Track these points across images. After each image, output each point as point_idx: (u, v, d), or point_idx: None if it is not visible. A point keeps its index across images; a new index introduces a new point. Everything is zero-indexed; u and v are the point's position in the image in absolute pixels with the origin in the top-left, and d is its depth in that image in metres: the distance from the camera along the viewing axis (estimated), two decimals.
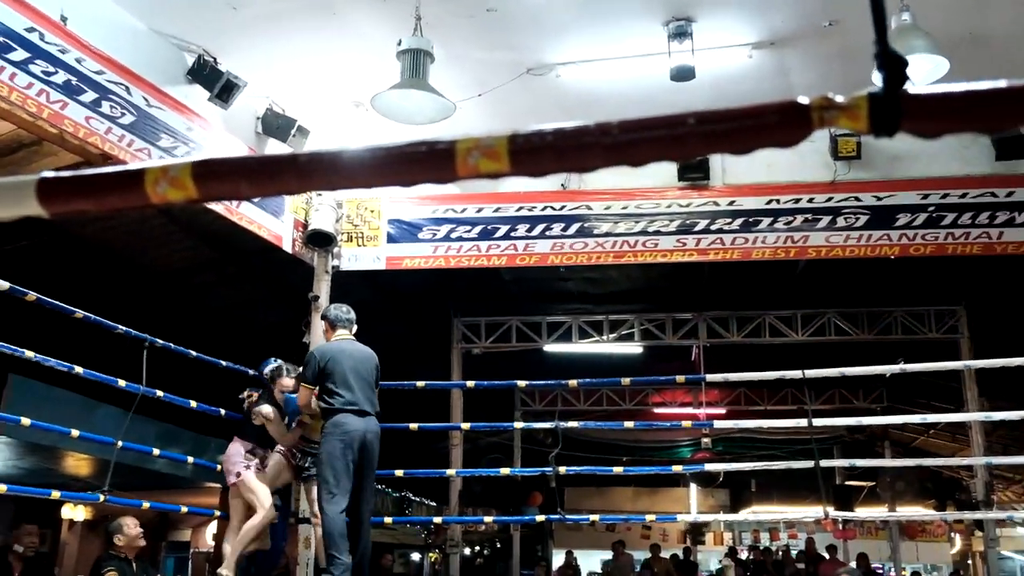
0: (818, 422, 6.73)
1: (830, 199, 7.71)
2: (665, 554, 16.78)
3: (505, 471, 7.25)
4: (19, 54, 5.33)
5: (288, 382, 6.47)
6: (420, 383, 7.22)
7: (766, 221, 7.77)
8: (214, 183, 1.30)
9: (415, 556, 23.83)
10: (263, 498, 6.13)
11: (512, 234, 8.01)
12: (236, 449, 6.34)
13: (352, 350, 6.05)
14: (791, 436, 16.86)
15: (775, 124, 1.07)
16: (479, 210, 8.09)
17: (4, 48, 5.23)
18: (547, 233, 7.99)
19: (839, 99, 1.06)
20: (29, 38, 5.39)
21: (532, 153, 1.16)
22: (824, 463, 6.76)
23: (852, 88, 1.12)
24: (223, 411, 6.90)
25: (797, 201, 7.75)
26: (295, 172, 1.27)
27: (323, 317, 6.43)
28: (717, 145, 1.11)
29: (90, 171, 1.39)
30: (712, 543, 22.82)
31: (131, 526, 6.34)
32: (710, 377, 7.48)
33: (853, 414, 12.86)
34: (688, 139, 1.11)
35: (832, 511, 7.47)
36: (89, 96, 5.84)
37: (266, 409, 6.29)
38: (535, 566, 17.58)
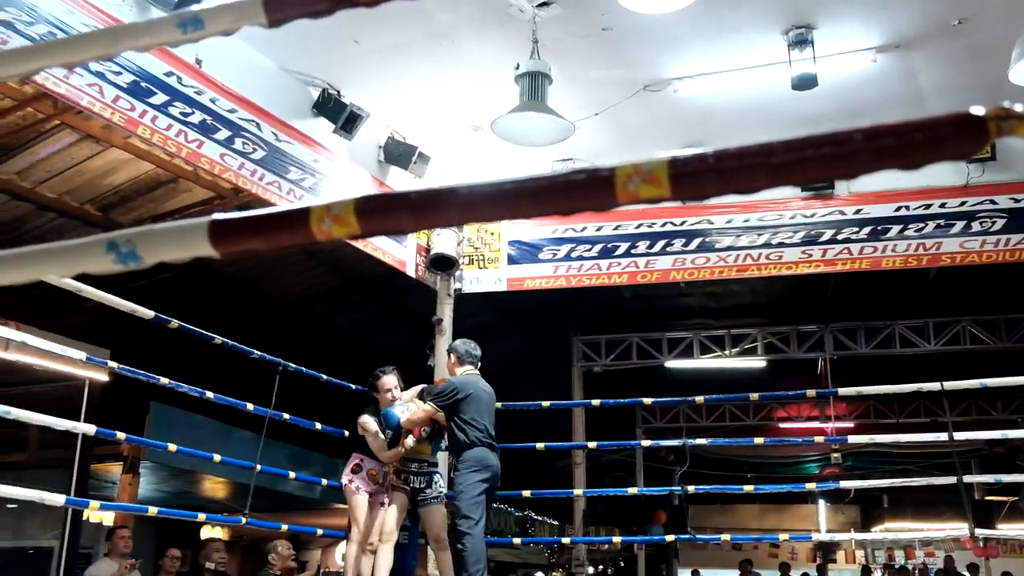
0: (958, 435, 6.45)
1: (963, 203, 7.42)
2: (794, 574, 16.32)
3: (632, 490, 7.17)
4: (159, 98, 5.61)
5: (390, 380, 6.36)
6: (546, 403, 7.23)
7: (895, 229, 7.53)
8: (376, 218, 1.33)
9: None
10: (358, 518, 6.02)
11: (632, 251, 7.97)
12: (349, 463, 6.26)
13: (483, 386, 6.22)
14: (925, 450, 16.22)
15: (949, 137, 1.04)
16: (599, 228, 8.09)
17: (147, 93, 5.51)
18: (668, 249, 7.92)
19: (1018, 108, 1.02)
20: (168, 82, 5.67)
21: (693, 177, 1.15)
22: (967, 478, 6.47)
23: (983, 88, 1.08)
24: (347, 433, 7.05)
25: (928, 207, 7.48)
26: (456, 204, 1.29)
27: (451, 351, 6.47)
28: (887, 161, 1.08)
29: (259, 212, 1.45)
30: (843, 561, 22.09)
31: (284, 547, 6.75)
32: (841, 391, 7.25)
33: (991, 426, 12.28)
34: (856, 156, 1.09)
35: (975, 529, 7.14)
36: (223, 134, 6.10)
37: (363, 418, 6.22)
38: None
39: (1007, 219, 7.35)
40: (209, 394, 5.80)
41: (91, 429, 5.09)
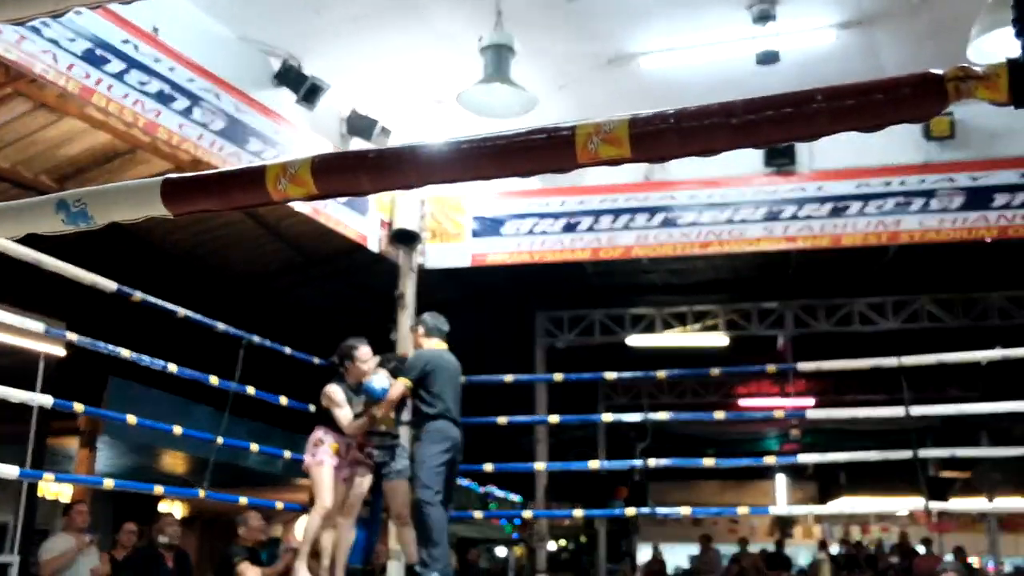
0: (915, 411, 6.56)
1: (923, 181, 7.49)
2: (753, 548, 16.55)
3: (594, 464, 7.21)
4: (115, 65, 5.50)
5: (367, 351, 6.24)
6: (508, 377, 7.24)
7: (856, 206, 7.59)
8: (334, 178, 1.31)
9: (500, 551, 23.95)
10: (322, 492, 5.89)
11: (595, 227, 7.97)
12: (313, 437, 6.14)
13: (448, 360, 6.27)
14: (883, 427, 16.47)
15: (909, 97, 1.05)
16: (562, 203, 8.07)
17: (102, 60, 5.40)
18: (631, 225, 7.93)
19: (976, 69, 1.02)
20: (124, 50, 5.56)
21: (654, 137, 1.14)
22: (922, 453, 6.58)
23: (944, 65, 1.08)
24: (313, 407, 7.01)
25: (888, 184, 7.55)
26: (414, 165, 1.28)
27: (419, 323, 6.47)
28: (847, 122, 1.08)
29: (213, 171, 1.43)
30: (800, 537, 22.44)
31: (254, 519, 6.76)
32: (801, 366, 7.33)
33: (948, 403, 12.45)
34: (816, 117, 1.09)
35: (930, 503, 7.27)
36: (181, 104, 6.00)
37: (330, 387, 6.12)
38: (620, 560, 17.52)
39: (965, 197, 7.44)
40: (172, 367, 5.74)
41: (48, 400, 5.02)
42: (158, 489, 6.01)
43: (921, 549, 15.72)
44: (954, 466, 17.81)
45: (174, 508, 15.40)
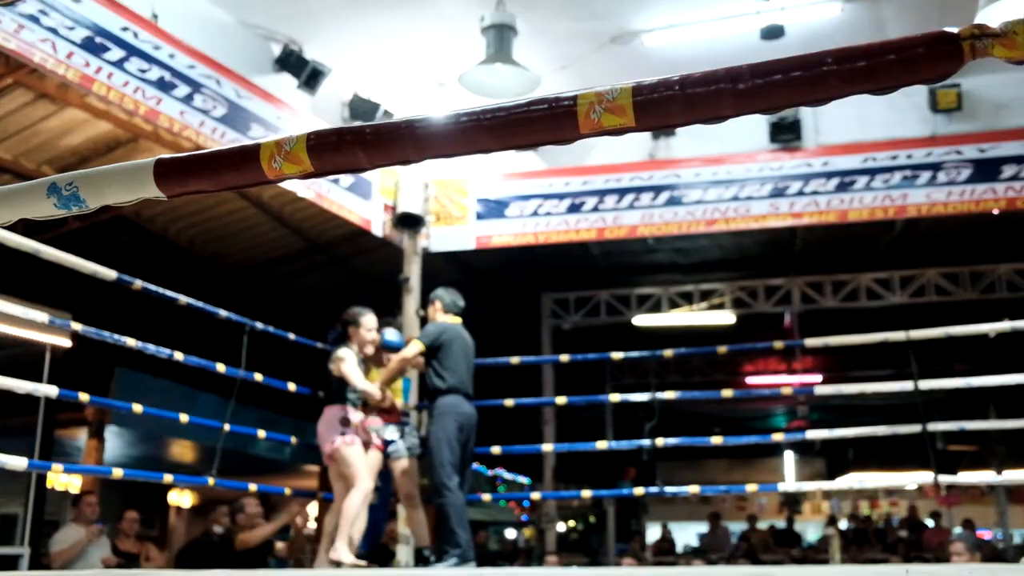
0: (924, 384, 6.51)
1: (930, 154, 7.44)
2: (762, 525, 16.56)
3: (602, 445, 7.19)
4: (115, 53, 5.46)
5: (371, 319, 6.01)
6: (515, 359, 7.20)
7: (862, 180, 7.54)
8: (330, 155, 1.28)
9: (510, 533, 24.03)
10: (360, 470, 5.60)
11: (600, 207, 7.93)
12: (329, 416, 5.77)
13: (464, 336, 6.14)
14: (890, 402, 16.44)
15: (922, 57, 1.01)
16: (566, 184, 8.03)
17: (101, 48, 5.36)
18: (636, 204, 7.89)
19: (992, 26, 0.99)
20: (124, 37, 5.52)
21: (658, 104, 1.11)
22: (931, 427, 6.54)
23: None
24: (321, 393, 7.00)
25: (895, 158, 7.49)
26: (412, 139, 1.24)
27: (435, 298, 6.25)
28: (859, 84, 1.05)
29: (206, 151, 1.39)
30: (809, 513, 22.46)
31: (252, 505, 6.73)
32: (808, 342, 7.27)
33: (956, 377, 12.39)
34: (827, 80, 1.05)
35: (939, 476, 7.24)
36: (182, 91, 5.96)
37: (342, 351, 5.80)
38: (630, 540, 17.55)
39: (973, 169, 7.38)
40: (178, 355, 5.71)
41: (53, 391, 5.00)
42: (167, 478, 6.01)
43: (930, 523, 15.72)
44: (962, 439, 17.79)
45: (183, 498, 15.48)
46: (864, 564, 10.32)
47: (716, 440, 6.96)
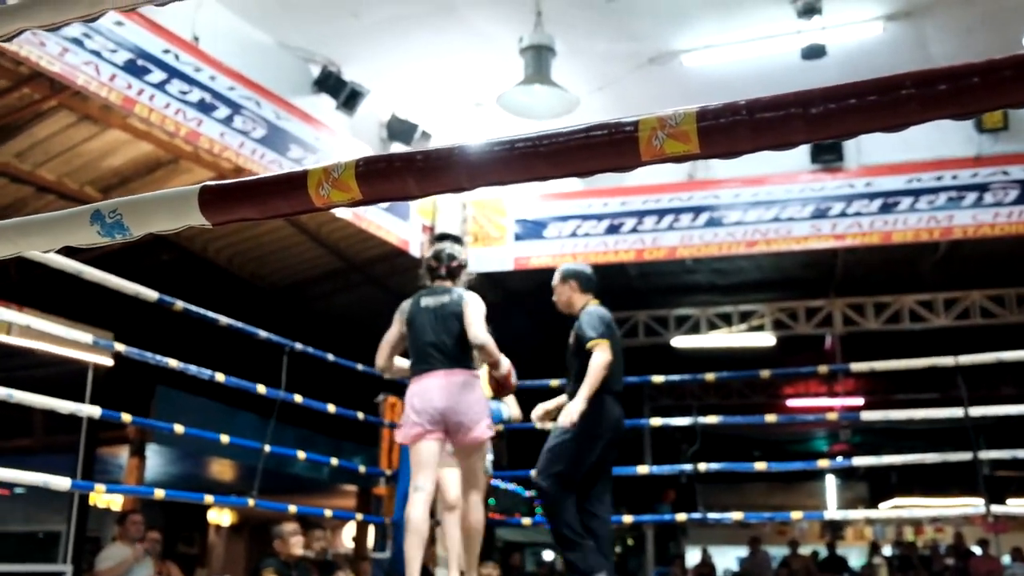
0: (975, 411, 6.35)
1: (975, 175, 7.30)
2: (804, 550, 16.28)
3: (643, 469, 7.09)
4: (156, 75, 5.51)
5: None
6: (554, 381, 7.13)
7: (906, 201, 7.42)
8: (379, 182, 1.24)
9: (547, 554, 23.83)
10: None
11: (639, 228, 7.87)
12: (483, 397, 4.69)
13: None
14: (935, 426, 16.15)
15: (1010, 80, 0.95)
16: (605, 204, 7.98)
17: (143, 71, 5.41)
18: (675, 225, 7.82)
19: None
20: (165, 59, 5.57)
21: (725, 130, 1.05)
22: (981, 454, 6.38)
23: (996, 57, 0.98)
24: (361, 415, 6.97)
25: (939, 178, 7.37)
26: (465, 166, 1.20)
27: (571, 276, 5.23)
28: (941, 109, 0.98)
29: (252, 178, 1.36)
30: (852, 539, 22.07)
31: (289, 533, 6.57)
32: (854, 366, 7.14)
33: (1003, 401, 12.13)
34: (906, 104, 0.99)
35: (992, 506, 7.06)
36: (222, 112, 6.00)
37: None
38: (669, 563, 17.33)
39: (1020, 190, 7.24)
40: (219, 376, 5.71)
41: (96, 411, 5.01)
42: (208, 498, 5.99)
43: (977, 550, 15.37)
44: (1009, 466, 17.42)
45: (223, 516, 15.53)
46: None
47: (760, 465, 6.84)
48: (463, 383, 4.44)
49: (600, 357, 4.68)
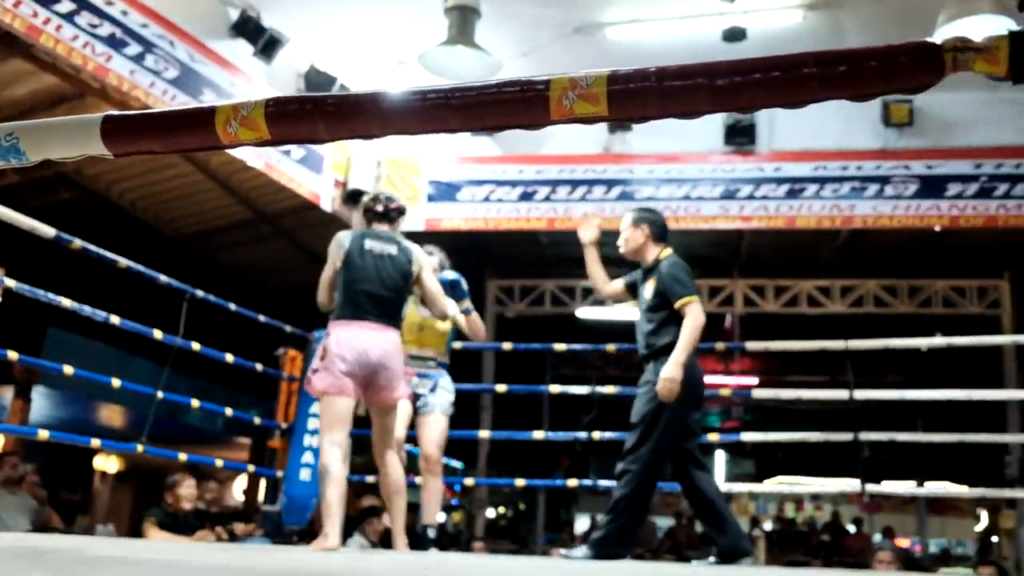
0: (860, 394, 6.62)
1: (879, 167, 7.56)
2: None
3: (539, 435, 7.18)
4: (65, 5, 5.30)
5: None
6: (457, 344, 7.16)
7: (812, 188, 7.64)
8: (288, 124, 1.23)
9: (439, 516, 24.07)
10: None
11: (552, 197, 7.93)
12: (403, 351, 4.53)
13: None
14: (822, 408, 16.74)
15: (905, 66, 0.99)
16: (520, 171, 8.01)
17: (50, 0, 5.19)
18: (588, 196, 7.90)
19: (976, 40, 0.98)
20: None
21: (633, 95, 1.08)
22: (863, 436, 6.65)
23: None
24: (260, 366, 6.89)
25: (845, 168, 7.60)
26: (376, 113, 1.20)
27: (643, 221, 4.79)
28: (838, 89, 1.03)
29: (158, 110, 1.33)
30: (736, 512, 22.78)
31: (178, 483, 6.45)
32: (750, 345, 7.33)
33: (886, 388, 12.66)
34: (807, 82, 1.04)
35: (866, 485, 7.38)
36: (134, 49, 5.81)
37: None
38: (559, 530, 17.64)
39: (919, 185, 7.52)
40: (114, 319, 5.57)
41: None
42: (95, 442, 5.86)
43: (852, 528, 16.06)
44: (888, 449, 18.18)
45: (109, 463, 15.20)
46: (787, 567, 10.49)
47: None
48: (394, 342, 4.32)
49: (697, 316, 4.43)
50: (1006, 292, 11.56)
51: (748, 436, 9.57)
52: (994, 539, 20.56)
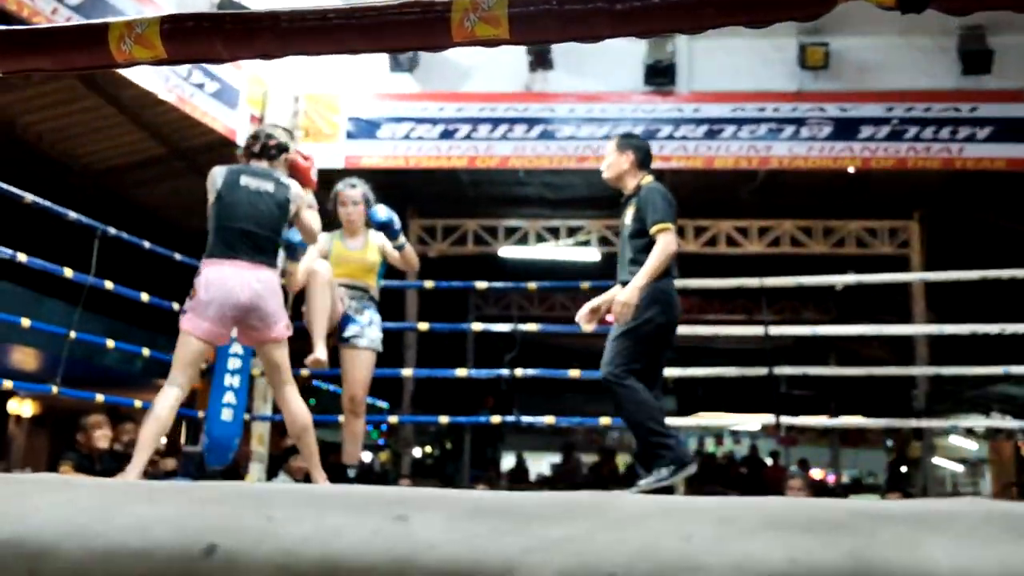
0: (774, 330, 6.81)
1: (795, 109, 7.68)
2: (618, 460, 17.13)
3: (462, 372, 7.23)
4: None
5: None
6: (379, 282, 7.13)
7: (730, 129, 7.73)
8: (185, 42, 1.20)
9: (365, 456, 24.11)
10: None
11: (473, 135, 7.88)
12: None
13: None
14: (741, 346, 17.16)
15: None
16: (440, 109, 7.93)
17: None
18: (509, 135, 7.87)
19: None
20: None
21: (534, 18, 1.08)
22: (776, 371, 6.85)
23: None
24: (176, 305, 6.77)
25: (762, 110, 7.70)
26: (276, 32, 1.17)
27: (632, 147, 4.72)
28: (734, 15, 1.04)
29: (48, 26, 1.29)
30: None
31: (93, 425, 6.36)
32: None
33: (804, 325, 13.05)
34: (703, 9, 1.04)
35: (782, 418, 7.62)
36: None
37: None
38: (485, 468, 17.87)
39: (833, 127, 7.67)
40: (21, 257, 5.40)
41: None
42: (7, 383, 5.72)
43: (769, 461, 16.60)
44: (804, 385, 18.75)
45: (24, 407, 14.86)
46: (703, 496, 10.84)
47: (574, 373, 7.11)
48: (267, 281, 4.22)
49: (667, 244, 4.37)
50: (915, 232, 11.92)
51: (669, 372, 9.76)
52: (903, 469, 21.48)
